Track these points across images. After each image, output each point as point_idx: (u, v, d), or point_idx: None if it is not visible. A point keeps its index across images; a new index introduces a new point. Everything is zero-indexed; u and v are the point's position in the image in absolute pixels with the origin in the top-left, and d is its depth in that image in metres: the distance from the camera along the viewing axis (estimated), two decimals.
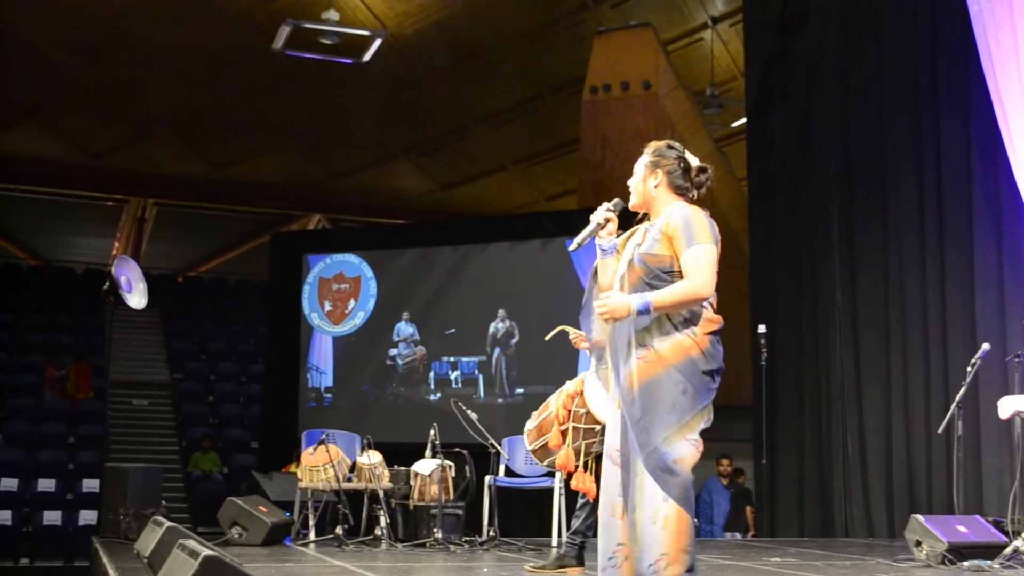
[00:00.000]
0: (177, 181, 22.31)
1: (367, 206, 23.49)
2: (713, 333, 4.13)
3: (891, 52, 11.00)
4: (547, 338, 6.67)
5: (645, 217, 4.41)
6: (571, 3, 17.16)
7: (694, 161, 4.38)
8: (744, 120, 13.84)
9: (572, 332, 6.82)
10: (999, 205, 9.86)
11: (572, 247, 4.55)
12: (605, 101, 15.63)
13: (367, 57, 16.68)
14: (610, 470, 4.22)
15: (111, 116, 19.67)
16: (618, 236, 4.44)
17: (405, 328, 13.50)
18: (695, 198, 4.36)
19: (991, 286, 9.85)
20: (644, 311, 4.08)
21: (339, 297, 13.87)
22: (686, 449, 4.03)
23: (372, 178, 22.47)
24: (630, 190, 4.45)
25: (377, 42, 16.32)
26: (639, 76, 15.42)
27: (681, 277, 4.11)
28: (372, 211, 23.50)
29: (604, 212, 4.43)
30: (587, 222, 4.51)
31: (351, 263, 13.95)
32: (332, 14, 15.68)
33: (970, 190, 10.11)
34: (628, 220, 4.50)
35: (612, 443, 4.23)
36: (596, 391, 6.09)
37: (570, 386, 6.18)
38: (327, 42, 16.09)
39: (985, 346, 8.14)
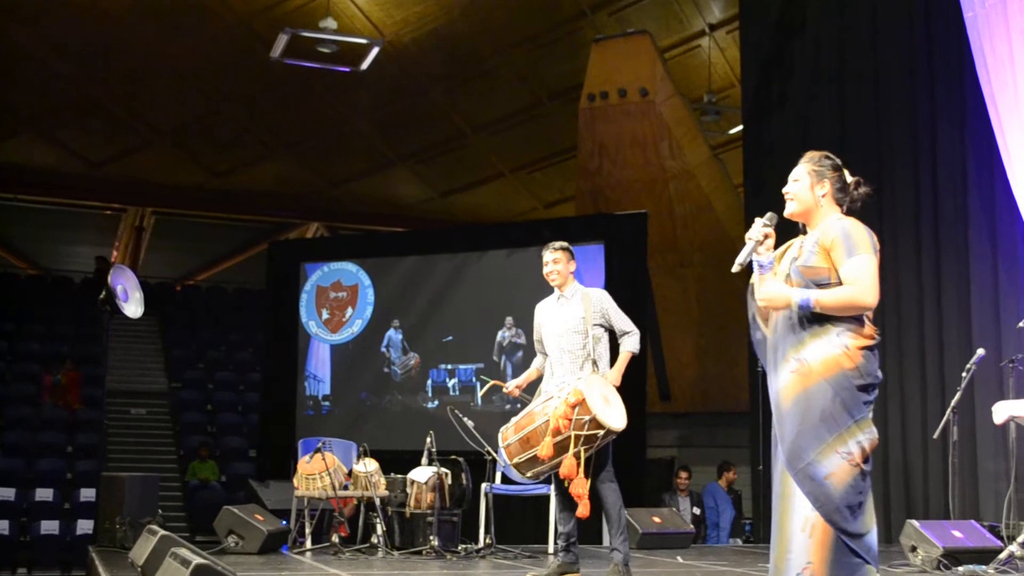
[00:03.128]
0: (175, 190, 22.35)
1: (365, 214, 23.52)
2: (868, 348, 4.12)
3: (887, 59, 11.02)
4: (481, 392, 6.90)
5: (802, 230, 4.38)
6: (568, 11, 17.20)
7: (848, 175, 4.35)
8: (741, 127, 13.86)
9: (498, 385, 7.03)
10: (994, 210, 9.86)
11: (735, 268, 4.48)
12: (602, 108, 15.64)
13: (365, 65, 16.71)
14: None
15: (109, 125, 19.70)
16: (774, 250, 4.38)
17: (395, 336, 13.49)
18: (845, 211, 4.32)
19: (986, 291, 9.85)
20: (805, 306, 4.09)
21: (336, 305, 13.87)
22: (838, 463, 3.99)
23: (370, 186, 22.50)
24: (787, 197, 4.41)
25: (375, 50, 16.35)
26: (636, 83, 15.42)
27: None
28: (370, 219, 23.53)
29: (761, 228, 4.38)
30: (584, 229, 4.53)
31: (348, 271, 13.95)
32: (330, 22, 15.71)
33: (966, 195, 10.12)
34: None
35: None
36: (599, 399, 6.15)
37: (567, 396, 6.19)
38: (325, 50, 16.13)
39: (980, 351, 8.15)
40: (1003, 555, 6.96)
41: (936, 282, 10.28)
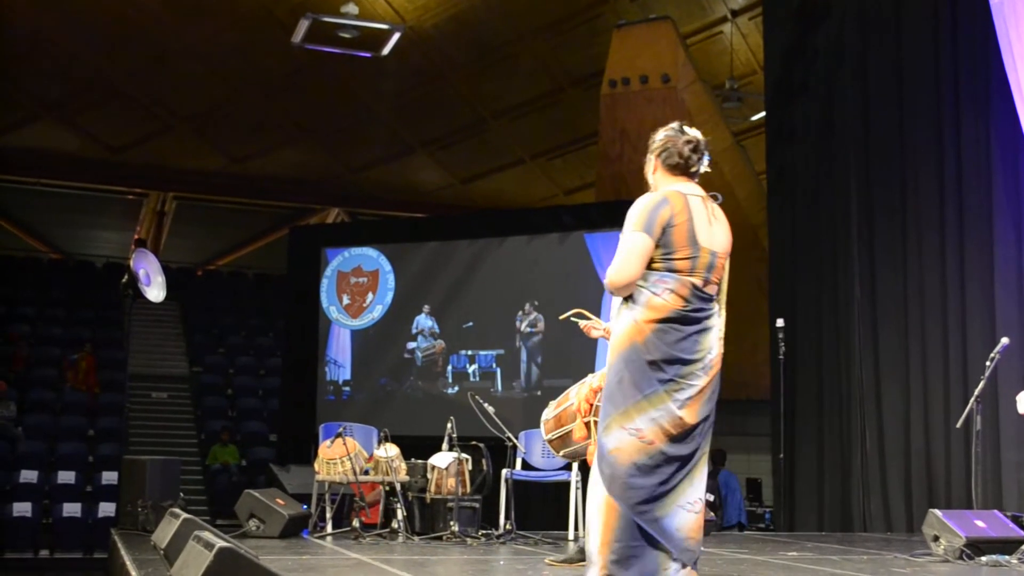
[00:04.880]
0: (196, 175, 22.39)
1: (385, 200, 23.52)
2: (663, 321, 4.00)
3: (911, 45, 10.95)
4: (561, 318, 6.66)
5: None
6: None
7: (690, 133, 4.23)
8: (763, 114, 13.80)
9: (583, 320, 6.79)
10: (1019, 199, 9.82)
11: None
12: (624, 95, 15.60)
13: (386, 51, 16.71)
14: None
15: (131, 110, 19.73)
16: None
17: (425, 321, 13.51)
18: (699, 171, 4.21)
19: (1010, 280, 9.80)
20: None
21: (357, 290, 13.89)
22: (622, 439, 3.91)
23: (390, 172, 22.50)
24: None
25: (396, 36, 16.34)
26: (658, 70, 15.38)
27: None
28: (390, 205, 23.54)
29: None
30: (605, 215, 4.50)
31: (369, 257, 13.96)
32: (351, 8, 15.70)
33: (990, 183, 10.06)
34: None
35: None
36: None
37: (593, 380, 6.19)
38: (346, 36, 16.13)
39: (1004, 340, 8.10)
40: None
41: (960, 271, 10.22)
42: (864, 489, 10.71)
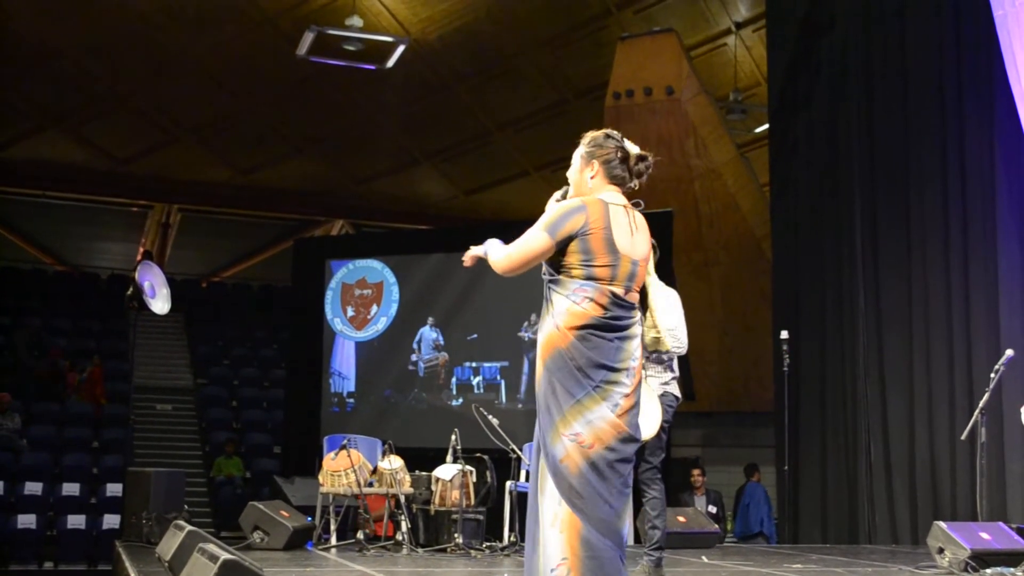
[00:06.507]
0: (201, 187, 22.40)
1: (390, 212, 23.52)
2: (584, 328, 3.95)
3: (915, 57, 10.97)
4: None
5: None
6: (595, 9, 17.16)
7: (633, 149, 4.23)
8: (767, 126, 13.81)
9: None
10: (1023, 211, 9.81)
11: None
12: (628, 107, 15.59)
13: (391, 63, 16.71)
14: None
15: (136, 122, 19.76)
16: None
17: (429, 333, 13.51)
18: (636, 188, 4.21)
19: (1015, 292, 9.80)
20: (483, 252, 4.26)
21: (361, 302, 13.90)
22: (567, 446, 3.87)
23: (395, 184, 22.51)
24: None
25: (400, 48, 16.35)
26: (662, 82, 15.38)
27: (559, 269, 4.07)
28: (395, 217, 23.54)
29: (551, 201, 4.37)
30: None
31: (374, 269, 13.97)
32: (356, 20, 15.72)
33: (994, 195, 10.07)
34: None
35: None
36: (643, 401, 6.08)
37: None
38: (351, 48, 16.14)
39: (1009, 352, 8.10)
40: None
41: (964, 283, 10.23)
42: (869, 501, 10.71)
